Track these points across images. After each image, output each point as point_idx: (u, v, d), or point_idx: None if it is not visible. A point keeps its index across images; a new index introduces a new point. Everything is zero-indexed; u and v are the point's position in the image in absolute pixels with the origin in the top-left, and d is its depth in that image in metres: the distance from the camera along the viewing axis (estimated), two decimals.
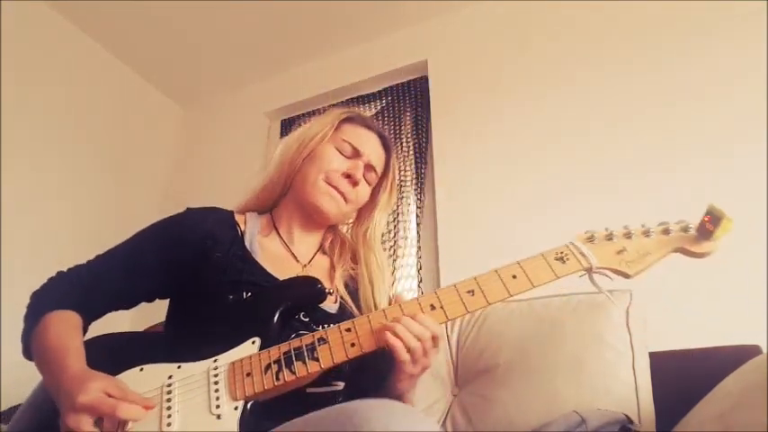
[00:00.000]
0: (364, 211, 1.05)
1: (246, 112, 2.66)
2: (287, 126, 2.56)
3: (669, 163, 1.56)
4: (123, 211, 2.37)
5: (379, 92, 2.29)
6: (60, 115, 2.21)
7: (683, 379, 0.96)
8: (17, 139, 1.99)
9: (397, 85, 2.26)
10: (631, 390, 1.00)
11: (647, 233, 0.75)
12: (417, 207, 1.94)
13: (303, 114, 2.52)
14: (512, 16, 2.08)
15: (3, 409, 1.26)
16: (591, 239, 0.75)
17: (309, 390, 0.76)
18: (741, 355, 0.88)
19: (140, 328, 0.85)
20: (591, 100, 1.78)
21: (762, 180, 1.38)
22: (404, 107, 2.19)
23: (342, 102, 2.41)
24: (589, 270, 0.72)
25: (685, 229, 0.74)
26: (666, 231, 0.74)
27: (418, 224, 1.93)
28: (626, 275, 0.72)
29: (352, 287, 0.96)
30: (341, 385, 0.84)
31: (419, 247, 1.90)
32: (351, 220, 1.08)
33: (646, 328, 1.08)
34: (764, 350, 1.02)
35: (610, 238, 0.75)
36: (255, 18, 2.29)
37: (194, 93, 2.81)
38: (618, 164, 1.63)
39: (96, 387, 0.61)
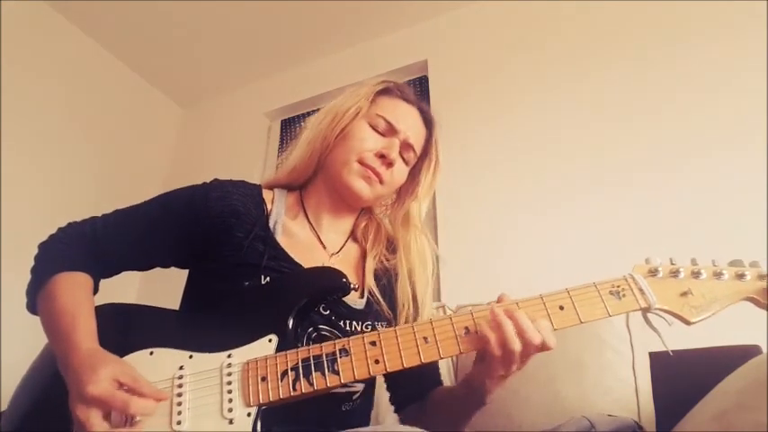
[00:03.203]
0: (404, 193, 0.96)
1: (246, 112, 2.66)
2: (287, 126, 2.56)
3: (670, 162, 1.56)
4: None
5: None
6: (60, 115, 2.21)
7: (683, 379, 0.95)
8: (17, 138, 1.99)
9: None
10: (631, 390, 1.00)
11: (718, 275, 0.64)
12: None
13: (303, 114, 2.52)
14: (511, 16, 2.08)
15: (3, 409, 1.26)
16: (653, 273, 0.66)
17: None
18: (741, 355, 0.87)
19: (149, 298, 0.83)
20: (591, 99, 1.78)
21: (762, 179, 1.38)
22: None
23: None
24: (646, 310, 0.64)
25: (762, 277, 0.64)
26: (741, 276, 0.64)
27: None
28: (687, 322, 0.63)
29: (385, 280, 0.88)
30: (359, 387, 0.81)
31: None
32: (389, 202, 1.00)
33: (646, 329, 1.08)
34: (764, 350, 1.02)
35: (675, 274, 0.65)
36: (255, 18, 2.29)
37: (194, 93, 2.81)
38: (619, 163, 1.63)
39: (107, 375, 0.58)
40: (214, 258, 0.78)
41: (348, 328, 0.80)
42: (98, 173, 2.34)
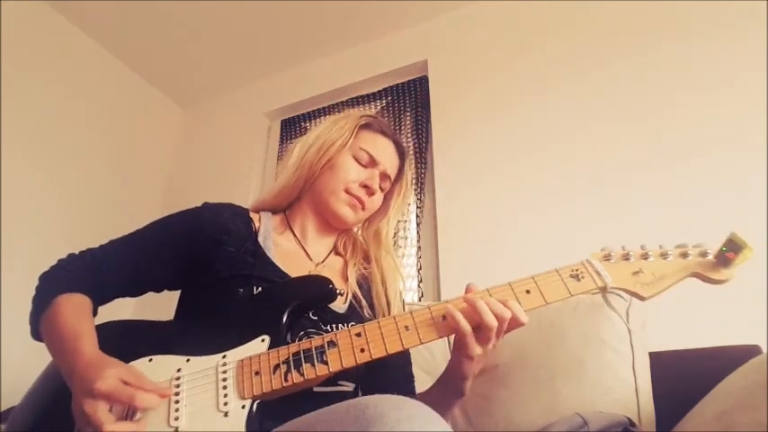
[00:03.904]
0: (376, 215, 1.06)
1: (246, 112, 2.66)
2: (287, 126, 2.56)
3: (670, 162, 1.56)
4: (123, 212, 2.37)
5: (379, 92, 2.29)
6: (60, 115, 2.21)
7: (683, 379, 0.96)
8: (17, 138, 1.99)
9: (397, 85, 2.26)
10: (631, 390, 1.00)
11: (664, 255, 0.73)
12: (417, 207, 1.94)
13: (303, 114, 2.52)
14: (512, 16, 2.08)
15: (3, 409, 1.26)
16: (607, 258, 0.74)
17: (317, 389, 0.76)
18: (741, 355, 0.88)
19: (143, 316, 0.85)
20: (592, 100, 1.78)
21: (762, 180, 1.39)
22: (404, 107, 2.19)
23: (342, 102, 2.41)
24: (603, 289, 0.71)
25: (703, 255, 0.71)
26: (684, 255, 0.72)
27: (418, 224, 1.93)
28: (641, 298, 0.71)
29: (366, 287, 0.97)
30: (350, 386, 0.84)
31: (419, 247, 1.90)
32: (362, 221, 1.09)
33: (645, 328, 1.08)
34: (764, 350, 1.02)
35: (626, 257, 0.73)
36: (255, 18, 2.29)
37: (194, 93, 2.82)
38: (619, 164, 1.63)
39: (113, 374, 0.61)
40: (208, 273, 0.83)
41: (334, 331, 0.83)
42: (98, 173, 2.34)
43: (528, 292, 0.70)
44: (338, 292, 0.79)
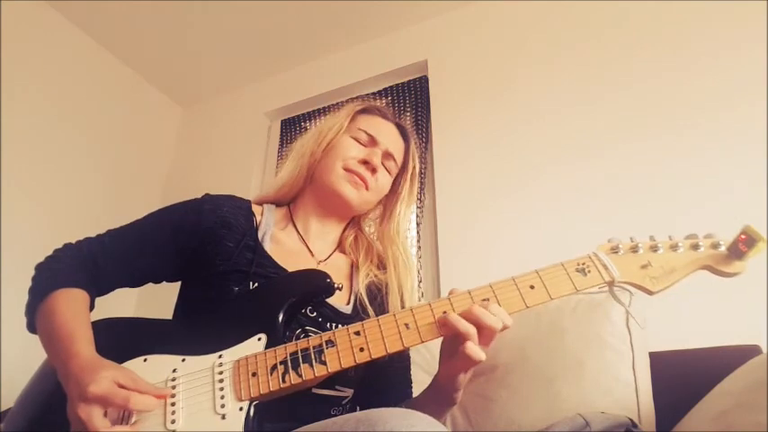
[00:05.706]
0: (388, 206, 1.03)
1: (246, 112, 2.67)
2: (287, 126, 2.56)
3: (670, 163, 1.56)
4: (123, 211, 2.36)
5: (379, 92, 2.29)
6: (60, 115, 2.21)
7: (683, 379, 0.96)
8: (17, 138, 1.99)
9: (397, 85, 2.26)
10: (631, 390, 1.00)
11: (674, 247, 0.69)
12: (417, 207, 1.94)
13: (303, 114, 2.52)
14: (512, 16, 2.08)
15: (2, 409, 1.26)
16: (615, 250, 0.71)
17: (315, 390, 0.75)
18: (741, 355, 0.88)
19: (146, 313, 0.84)
20: (592, 99, 1.78)
21: (762, 179, 1.39)
22: (404, 107, 2.19)
23: (342, 102, 2.41)
24: (610, 284, 0.69)
25: (715, 246, 0.68)
26: (695, 247, 0.69)
27: (418, 224, 1.93)
28: (649, 292, 0.68)
29: (379, 298, 0.92)
30: (348, 392, 0.83)
31: (419, 247, 1.90)
32: (376, 218, 1.06)
33: (645, 328, 1.08)
34: (764, 350, 1.02)
35: (635, 249, 0.70)
36: (255, 18, 2.29)
37: (194, 93, 2.81)
38: (619, 165, 1.63)
39: (107, 376, 0.60)
40: (205, 267, 0.82)
41: (332, 330, 0.82)
42: (98, 173, 2.34)
43: (532, 287, 0.67)
44: (337, 286, 0.76)
